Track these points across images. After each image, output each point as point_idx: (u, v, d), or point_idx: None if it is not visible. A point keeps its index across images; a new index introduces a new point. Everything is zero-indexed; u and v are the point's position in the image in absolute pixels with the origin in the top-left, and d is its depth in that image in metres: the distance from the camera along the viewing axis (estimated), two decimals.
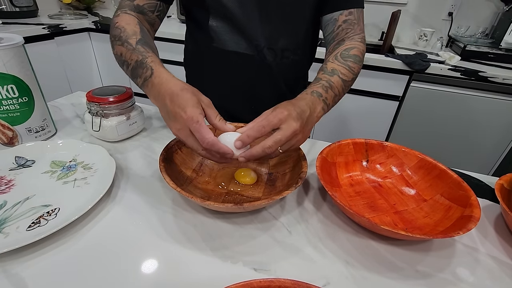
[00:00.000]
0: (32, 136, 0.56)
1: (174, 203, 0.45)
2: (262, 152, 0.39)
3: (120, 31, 0.51)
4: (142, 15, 0.58)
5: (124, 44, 0.49)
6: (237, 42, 0.64)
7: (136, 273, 0.34)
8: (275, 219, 0.44)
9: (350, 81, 0.56)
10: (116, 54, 0.51)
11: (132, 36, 0.50)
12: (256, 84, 0.70)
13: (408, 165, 0.52)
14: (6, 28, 1.41)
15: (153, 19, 0.61)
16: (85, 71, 1.86)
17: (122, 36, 0.50)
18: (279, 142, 0.39)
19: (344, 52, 0.57)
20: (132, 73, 0.48)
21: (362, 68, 0.60)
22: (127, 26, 0.51)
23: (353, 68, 0.55)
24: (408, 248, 0.40)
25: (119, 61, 0.51)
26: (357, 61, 0.57)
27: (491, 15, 1.62)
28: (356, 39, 0.60)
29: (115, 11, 0.58)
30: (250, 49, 0.64)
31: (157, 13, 0.60)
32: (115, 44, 0.51)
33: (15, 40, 0.49)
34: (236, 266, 0.36)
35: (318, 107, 0.47)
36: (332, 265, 0.37)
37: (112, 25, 0.54)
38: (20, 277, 0.33)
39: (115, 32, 0.52)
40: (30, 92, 0.53)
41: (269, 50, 0.65)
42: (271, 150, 0.39)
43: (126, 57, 0.48)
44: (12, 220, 0.39)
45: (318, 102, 0.47)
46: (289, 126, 0.40)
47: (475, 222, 0.37)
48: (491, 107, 1.32)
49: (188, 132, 0.39)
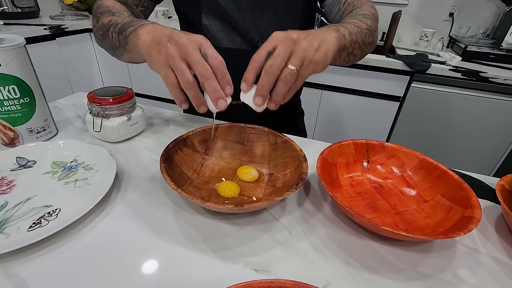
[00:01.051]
0: (33, 137, 0.56)
1: (175, 204, 0.45)
2: (267, 77, 0.35)
3: (109, 8, 0.49)
4: (126, 7, 0.56)
5: (115, 14, 0.47)
6: (231, 38, 0.63)
7: (137, 273, 0.34)
8: (276, 220, 0.44)
9: (365, 30, 0.50)
10: (102, 24, 0.48)
11: (123, 11, 0.48)
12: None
13: (409, 166, 0.52)
14: (7, 29, 1.42)
15: (138, 14, 0.59)
16: (87, 71, 1.87)
17: (112, 10, 0.48)
18: (277, 56, 0.35)
19: (353, 13, 0.53)
20: (122, 27, 0.44)
21: (362, 68, 0.59)
22: (114, 5, 0.51)
23: (365, 21, 0.51)
24: (409, 249, 0.40)
25: (104, 28, 0.47)
26: (368, 18, 0.52)
27: (492, 16, 1.62)
28: (365, 8, 0.55)
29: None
30: (244, 44, 0.64)
31: (141, 8, 0.59)
32: (103, 16, 0.48)
33: (16, 41, 0.49)
34: (236, 267, 0.36)
35: (328, 29, 0.42)
36: (332, 266, 0.37)
37: (96, 7, 0.52)
38: (21, 277, 0.33)
39: (101, 9, 0.49)
40: (31, 93, 0.53)
41: None
42: (273, 68, 0.35)
43: (116, 21, 0.45)
44: (13, 221, 0.39)
45: (326, 28, 0.43)
46: (283, 37, 0.36)
47: (476, 223, 0.37)
48: (492, 107, 1.32)
49: (197, 46, 0.35)
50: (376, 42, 0.56)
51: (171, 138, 0.51)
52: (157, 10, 2.02)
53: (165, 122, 0.70)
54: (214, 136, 0.54)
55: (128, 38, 0.42)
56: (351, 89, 1.49)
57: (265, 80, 0.36)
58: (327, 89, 1.53)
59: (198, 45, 0.36)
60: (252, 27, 0.62)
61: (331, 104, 1.57)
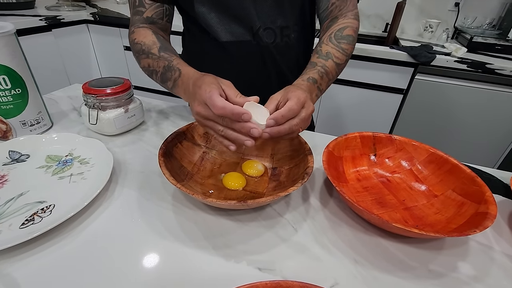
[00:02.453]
0: (26, 130, 0.54)
1: (174, 199, 0.43)
2: (289, 130, 0.41)
3: (141, 46, 0.54)
4: (153, 25, 0.60)
5: (149, 56, 0.53)
6: (229, 29, 0.61)
7: (134, 272, 0.33)
8: (280, 216, 0.42)
9: (343, 64, 0.58)
10: (143, 67, 0.55)
11: (153, 46, 0.53)
12: (257, 71, 0.67)
13: (418, 159, 0.50)
14: (2, 20, 1.37)
15: (164, 25, 0.62)
16: (84, 63, 1.83)
17: (145, 49, 0.54)
18: (303, 119, 0.42)
19: (337, 32, 0.58)
20: (162, 78, 0.52)
21: (365, 60, 0.61)
22: (145, 39, 0.55)
23: (346, 50, 0.57)
24: (419, 246, 0.39)
25: (148, 72, 0.55)
26: (350, 42, 0.58)
27: (499, 6, 1.58)
28: (349, 16, 0.60)
29: (129, 28, 0.60)
30: (245, 34, 0.61)
31: (166, 18, 0.62)
32: (141, 58, 0.55)
33: (6, 28, 0.47)
34: (239, 266, 0.34)
35: (313, 93, 0.50)
36: (340, 264, 0.35)
37: (131, 43, 0.57)
38: (12, 277, 0.31)
39: (136, 48, 0.55)
40: (23, 84, 0.51)
41: (267, 30, 0.62)
42: (297, 127, 0.42)
43: (153, 66, 0.52)
44: (5, 218, 0.37)
45: (313, 89, 0.50)
46: (309, 105, 0.43)
47: (491, 219, 0.35)
48: (498, 100, 1.29)
49: (206, 107, 0.40)
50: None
51: (170, 131, 0.49)
52: None
53: (164, 114, 0.68)
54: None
55: (174, 91, 0.51)
56: (353, 82, 1.46)
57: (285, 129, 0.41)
58: None
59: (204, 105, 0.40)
60: (253, 13, 0.59)
61: (333, 97, 1.54)
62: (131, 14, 0.60)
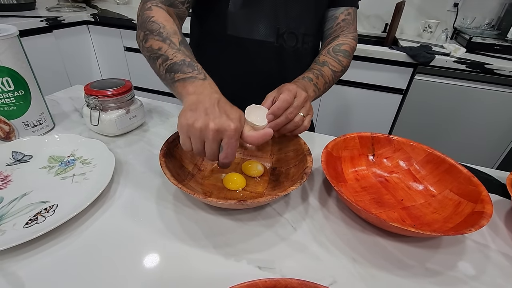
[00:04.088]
0: (29, 131, 0.54)
1: (175, 199, 0.44)
2: (286, 120, 0.45)
3: (159, 27, 0.49)
4: (172, 9, 0.55)
5: (165, 41, 0.47)
6: (256, 28, 0.62)
7: (136, 271, 0.33)
8: (280, 215, 0.42)
9: (339, 72, 0.63)
10: (150, 46, 0.49)
11: (174, 35, 0.48)
12: (273, 72, 0.68)
13: (415, 160, 0.50)
14: (3, 21, 1.39)
15: (183, 12, 0.58)
16: (84, 64, 1.84)
17: (163, 33, 0.48)
18: (297, 107, 0.46)
19: (336, 47, 0.64)
20: (171, 67, 0.45)
21: (364, 60, 0.64)
22: (166, 23, 0.49)
23: (342, 61, 0.63)
24: (417, 245, 0.39)
25: (151, 53, 0.49)
26: (346, 56, 0.64)
27: (498, 6, 1.58)
28: (349, 37, 0.67)
29: (142, 1, 0.53)
30: (269, 35, 0.63)
31: (187, 5, 0.58)
32: (151, 38, 0.48)
33: (9, 31, 0.48)
34: (239, 264, 0.35)
35: (309, 89, 0.53)
36: (338, 263, 0.36)
37: (144, 18, 0.51)
38: (17, 276, 0.32)
39: (151, 26, 0.49)
40: (26, 85, 0.51)
41: (290, 34, 0.64)
42: (293, 115, 0.45)
43: (167, 53, 0.46)
44: (9, 217, 0.38)
45: (309, 85, 0.54)
46: (300, 94, 0.47)
47: (487, 218, 0.36)
48: (497, 100, 1.30)
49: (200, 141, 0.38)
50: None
51: (171, 132, 0.49)
52: None
53: (165, 115, 0.68)
54: None
55: (176, 84, 0.44)
56: (353, 82, 1.47)
57: (282, 121, 0.45)
58: None
59: (221, 137, 0.37)
60: (282, 15, 0.61)
61: (333, 97, 1.55)
62: None
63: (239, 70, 0.68)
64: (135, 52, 1.77)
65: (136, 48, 1.74)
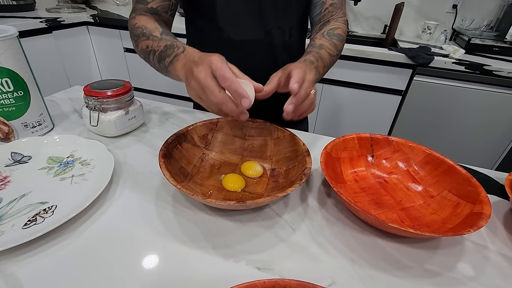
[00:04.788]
0: (28, 131, 0.54)
1: (174, 200, 0.44)
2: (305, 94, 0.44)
3: (142, 29, 0.54)
4: (156, 16, 0.60)
5: (149, 38, 0.52)
6: (246, 28, 0.64)
7: (135, 272, 0.33)
8: (279, 216, 0.42)
9: (335, 56, 0.63)
10: (141, 49, 0.54)
11: (155, 30, 0.53)
12: (266, 66, 0.69)
13: (414, 161, 0.51)
14: (3, 22, 1.39)
15: (167, 19, 0.63)
16: (84, 65, 1.84)
17: (146, 32, 0.53)
18: (312, 81, 0.46)
19: (330, 31, 0.64)
20: (160, 57, 0.50)
21: (364, 62, 0.65)
22: (147, 24, 0.54)
23: (337, 45, 0.63)
24: (416, 246, 0.39)
25: (145, 53, 0.54)
26: (340, 40, 0.64)
27: (496, 8, 1.59)
28: (340, 21, 0.67)
29: (129, 14, 0.60)
30: (258, 33, 0.65)
31: (170, 12, 0.63)
32: (140, 41, 0.54)
33: (9, 32, 0.48)
34: (238, 265, 0.35)
35: (312, 71, 0.51)
36: (337, 264, 0.36)
37: (131, 27, 0.57)
38: (15, 277, 0.32)
39: (137, 31, 0.55)
40: (25, 86, 0.51)
41: (278, 29, 0.66)
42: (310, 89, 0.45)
43: (152, 47, 0.51)
44: (8, 218, 0.38)
45: (311, 68, 0.52)
46: (310, 71, 0.47)
47: (485, 219, 0.36)
48: (496, 101, 1.30)
49: (209, 73, 0.39)
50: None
51: (170, 133, 0.49)
52: None
53: (164, 116, 0.68)
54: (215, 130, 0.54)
55: (168, 69, 0.49)
56: (352, 83, 1.47)
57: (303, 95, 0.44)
58: (328, 82, 1.50)
59: (210, 72, 0.39)
60: (268, 12, 0.63)
61: (332, 98, 1.55)
62: (135, 2, 0.60)
63: None
64: (135, 53, 1.76)
65: None
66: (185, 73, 0.44)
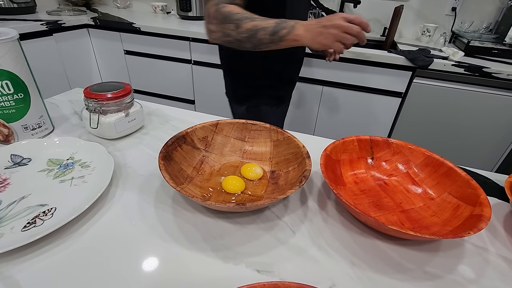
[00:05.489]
0: (28, 134, 0.54)
1: (174, 202, 0.44)
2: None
3: (242, 14, 0.61)
4: (233, 5, 0.66)
5: (254, 20, 0.60)
6: None
7: (134, 274, 0.33)
8: (278, 219, 0.42)
9: None
10: (247, 29, 0.60)
11: (252, 14, 0.60)
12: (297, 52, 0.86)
13: (414, 163, 0.51)
14: (3, 24, 1.39)
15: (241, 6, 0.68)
16: (84, 68, 1.85)
17: (247, 16, 0.60)
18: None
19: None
20: (275, 30, 0.59)
21: (363, 64, 0.75)
22: (241, 11, 0.61)
23: None
24: (416, 248, 0.39)
25: (250, 32, 0.60)
26: None
27: (495, 10, 1.59)
28: None
29: (210, 5, 0.63)
30: None
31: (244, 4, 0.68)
32: (243, 23, 0.60)
33: (9, 35, 0.48)
34: (238, 267, 0.35)
35: None
36: (337, 266, 0.36)
37: (225, 14, 0.61)
38: (14, 279, 0.32)
39: (235, 16, 0.60)
40: (26, 88, 0.52)
41: None
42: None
43: (262, 25, 0.59)
44: (7, 220, 0.38)
45: None
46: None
47: (485, 221, 0.36)
48: (495, 103, 1.30)
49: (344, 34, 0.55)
50: None
51: (170, 135, 0.49)
52: (156, 5, 1.99)
53: (164, 118, 0.68)
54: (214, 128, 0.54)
55: (285, 37, 0.59)
56: (352, 85, 1.47)
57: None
58: (328, 85, 1.51)
59: (344, 20, 0.54)
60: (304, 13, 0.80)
61: (332, 100, 1.55)
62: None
63: (265, 69, 0.86)
64: (135, 56, 1.77)
65: (136, 51, 1.75)
66: (313, 33, 0.57)
